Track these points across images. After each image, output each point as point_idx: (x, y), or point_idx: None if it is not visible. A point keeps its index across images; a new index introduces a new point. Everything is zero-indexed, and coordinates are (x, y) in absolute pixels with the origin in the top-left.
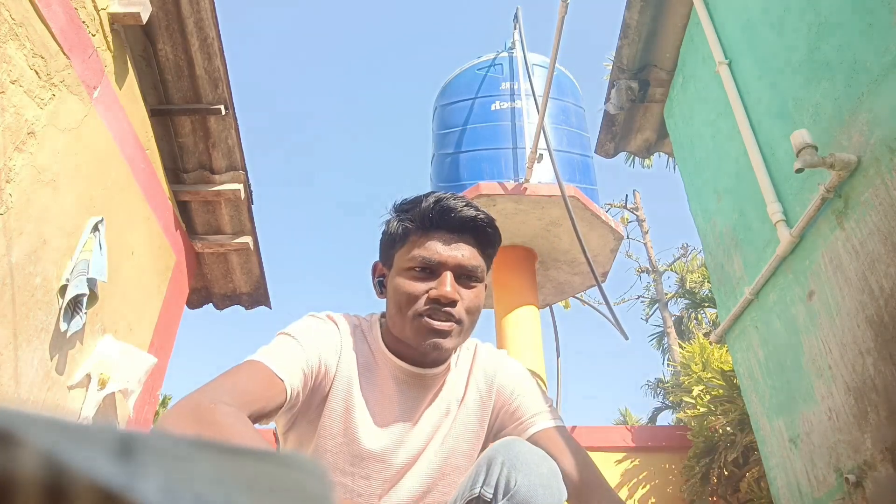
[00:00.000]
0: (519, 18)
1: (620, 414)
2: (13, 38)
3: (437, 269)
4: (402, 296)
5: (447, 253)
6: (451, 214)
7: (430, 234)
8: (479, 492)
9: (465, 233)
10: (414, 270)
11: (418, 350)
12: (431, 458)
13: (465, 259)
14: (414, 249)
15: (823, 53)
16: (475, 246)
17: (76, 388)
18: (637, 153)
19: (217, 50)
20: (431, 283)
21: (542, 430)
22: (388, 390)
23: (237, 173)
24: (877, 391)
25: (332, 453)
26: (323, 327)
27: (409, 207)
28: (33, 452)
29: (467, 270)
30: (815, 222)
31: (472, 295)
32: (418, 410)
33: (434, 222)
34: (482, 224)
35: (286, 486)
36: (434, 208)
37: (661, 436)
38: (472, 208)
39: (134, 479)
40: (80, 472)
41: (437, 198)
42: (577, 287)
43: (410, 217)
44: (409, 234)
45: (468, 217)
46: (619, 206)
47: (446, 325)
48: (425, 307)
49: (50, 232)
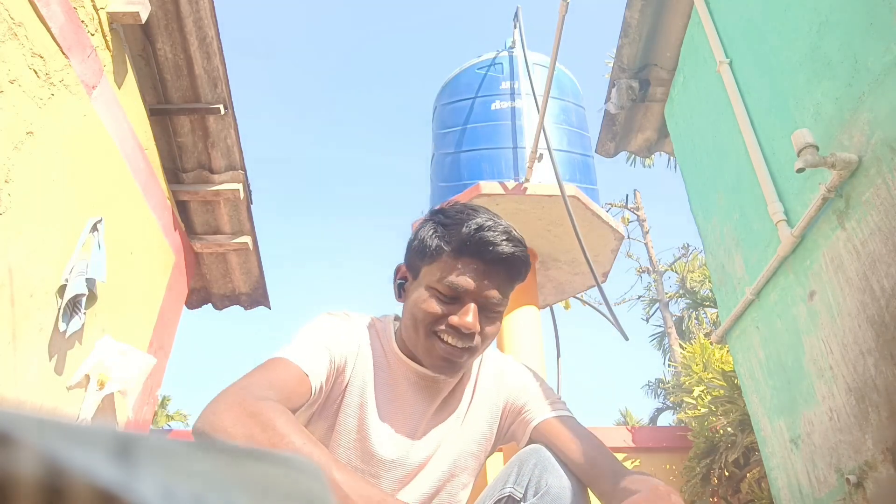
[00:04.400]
0: (519, 17)
1: (621, 414)
2: (12, 37)
3: (463, 297)
4: (421, 312)
5: (477, 284)
6: (490, 248)
7: (464, 259)
8: (509, 491)
9: (499, 266)
10: (439, 292)
11: (428, 366)
12: (441, 460)
13: (493, 294)
14: (444, 272)
15: (824, 53)
16: (505, 279)
17: (75, 388)
18: (638, 153)
19: (216, 49)
20: (454, 308)
21: (546, 420)
22: (401, 391)
23: (236, 173)
24: (878, 391)
25: (345, 449)
26: (341, 325)
27: (449, 225)
28: (32, 453)
29: (492, 304)
30: (817, 222)
31: (491, 326)
32: (429, 413)
33: (470, 252)
34: (519, 261)
35: (285, 487)
36: (474, 238)
37: (661, 436)
38: (511, 243)
39: (132, 480)
40: (78, 473)
41: (479, 226)
42: (578, 287)
43: (447, 238)
44: (441, 253)
45: (506, 254)
46: (620, 205)
47: (460, 353)
48: (442, 328)
49: (49, 232)
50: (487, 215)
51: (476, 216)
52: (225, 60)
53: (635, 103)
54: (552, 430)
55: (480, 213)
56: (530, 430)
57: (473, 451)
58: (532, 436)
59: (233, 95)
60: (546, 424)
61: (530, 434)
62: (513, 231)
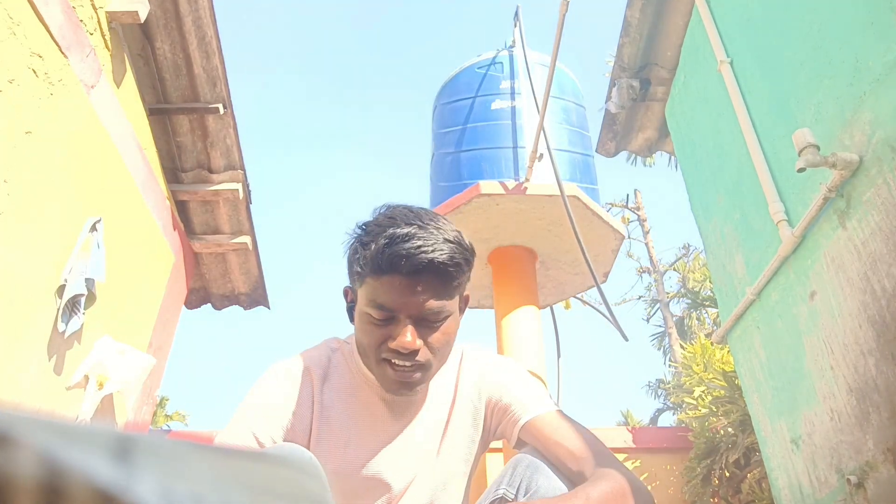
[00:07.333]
0: (519, 16)
1: (622, 415)
2: (10, 36)
3: (397, 315)
4: (362, 340)
5: (403, 300)
6: (403, 262)
7: (383, 278)
8: (503, 492)
9: (423, 275)
10: (372, 316)
11: (386, 390)
12: (431, 471)
13: (425, 304)
14: (370, 294)
15: (825, 52)
16: (438, 285)
17: (74, 388)
18: (638, 152)
19: (215, 48)
20: (391, 329)
21: (532, 419)
22: (378, 412)
23: (235, 173)
24: (879, 392)
25: (330, 477)
26: (284, 388)
27: (366, 243)
28: (31, 453)
29: (431, 315)
30: (817, 222)
31: (438, 335)
32: (411, 426)
33: (388, 268)
34: (444, 266)
35: (284, 487)
36: (385, 254)
37: (662, 437)
38: (428, 250)
39: (131, 480)
40: (77, 473)
41: (389, 239)
42: (578, 287)
43: (364, 258)
44: (364, 275)
45: (424, 263)
46: (621, 205)
47: (410, 374)
48: (387, 354)
49: (47, 232)
50: (406, 221)
51: (391, 226)
52: (224, 60)
53: (636, 103)
54: (539, 428)
55: (398, 222)
56: (518, 430)
57: (462, 456)
58: (520, 435)
59: (231, 95)
60: (532, 423)
61: (518, 434)
62: (433, 234)
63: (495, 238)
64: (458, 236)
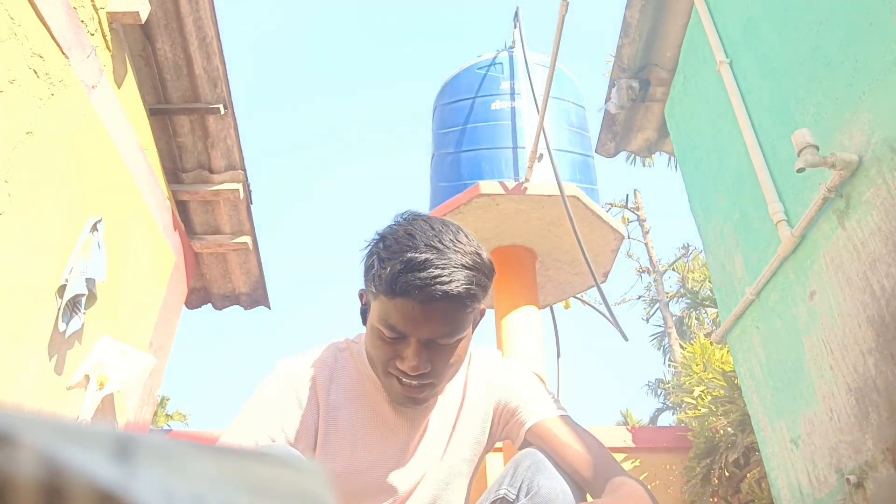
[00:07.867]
0: (519, 17)
1: (621, 415)
2: (11, 37)
3: (407, 337)
4: (372, 353)
5: (415, 327)
6: (417, 291)
7: (397, 301)
8: (504, 492)
9: (437, 304)
10: (383, 333)
11: (392, 400)
12: (436, 472)
13: (438, 330)
14: (382, 312)
15: (824, 52)
16: (450, 312)
17: (75, 388)
18: (638, 152)
19: (216, 49)
20: (400, 348)
21: (539, 422)
22: (384, 414)
23: (236, 173)
24: (878, 391)
25: (337, 479)
26: (288, 390)
27: (385, 260)
28: (31, 453)
29: (441, 339)
30: (817, 222)
31: (445, 355)
32: (418, 429)
33: (402, 293)
34: (459, 298)
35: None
36: (399, 280)
37: (661, 436)
38: (444, 280)
39: (131, 480)
40: (77, 473)
41: (405, 265)
42: (578, 287)
43: (380, 277)
44: (379, 292)
45: (439, 294)
46: (620, 205)
47: (418, 390)
48: (394, 370)
49: (48, 232)
50: (426, 242)
51: (410, 248)
52: (225, 60)
53: (635, 103)
54: (546, 431)
55: (417, 243)
56: (524, 433)
57: (467, 457)
58: (526, 437)
59: (232, 95)
60: (540, 426)
61: (524, 436)
62: (451, 258)
63: (495, 238)
64: (476, 259)
